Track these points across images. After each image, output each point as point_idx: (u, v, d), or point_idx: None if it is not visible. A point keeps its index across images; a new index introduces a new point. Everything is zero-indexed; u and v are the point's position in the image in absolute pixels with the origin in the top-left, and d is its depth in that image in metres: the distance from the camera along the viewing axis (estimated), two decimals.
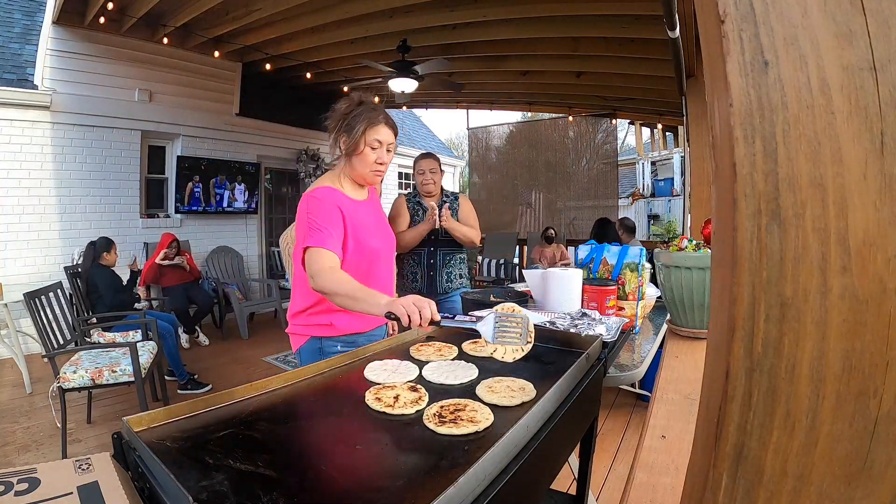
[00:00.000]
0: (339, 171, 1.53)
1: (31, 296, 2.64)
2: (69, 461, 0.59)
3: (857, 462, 0.36)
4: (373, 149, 1.45)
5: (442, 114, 25.32)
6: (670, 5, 2.19)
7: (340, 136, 1.46)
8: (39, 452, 2.57)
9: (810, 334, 0.36)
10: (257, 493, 0.54)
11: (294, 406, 0.82)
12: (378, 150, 1.46)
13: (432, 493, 0.49)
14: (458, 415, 0.75)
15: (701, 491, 0.42)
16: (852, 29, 0.33)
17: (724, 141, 0.37)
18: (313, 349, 1.49)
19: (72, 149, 4.72)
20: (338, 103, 1.49)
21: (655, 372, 1.35)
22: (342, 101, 1.49)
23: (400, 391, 0.84)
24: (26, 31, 4.82)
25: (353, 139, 1.44)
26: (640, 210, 12.18)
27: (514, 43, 4.77)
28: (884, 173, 0.33)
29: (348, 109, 1.46)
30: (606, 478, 2.33)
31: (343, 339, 1.48)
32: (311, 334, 1.49)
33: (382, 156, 1.47)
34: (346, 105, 1.47)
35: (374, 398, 0.82)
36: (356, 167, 1.48)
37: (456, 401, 0.80)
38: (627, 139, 12.11)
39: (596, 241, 1.87)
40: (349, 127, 1.44)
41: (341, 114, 1.46)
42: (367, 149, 1.45)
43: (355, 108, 1.46)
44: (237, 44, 5.20)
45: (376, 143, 1.45)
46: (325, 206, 1.40)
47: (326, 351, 1.47)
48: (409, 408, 0.78)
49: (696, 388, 1.13)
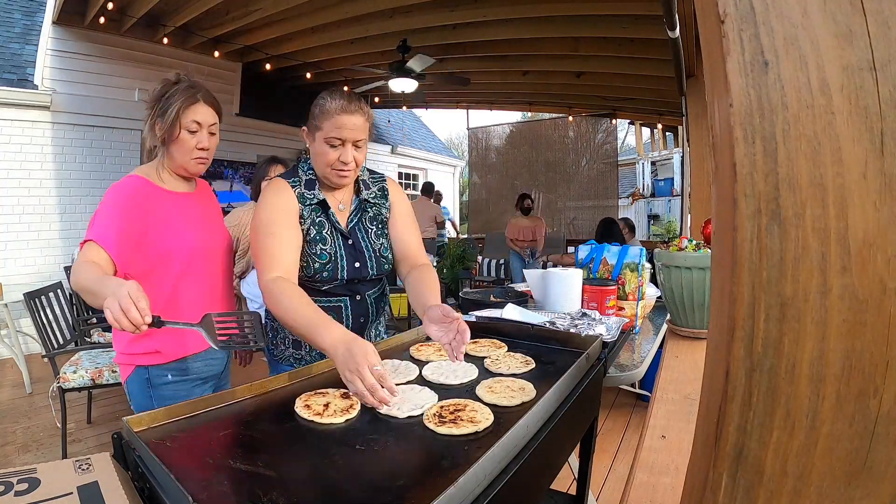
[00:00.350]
0: (157, 161, 1.32)
1: (31, 296, 2.64)
2: (69, 461, 0.59)
3: (857, 462, 0.36)
4: (191, 132, 1.25)
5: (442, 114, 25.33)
6: (670, 5, 2.19)
7: (156, 123, 1.25)
8: (39, 452, 2.57)
9: (810, 334, 0.36)
10: (257, 493, 0.54)
11: (294, 406, 0.82)
12: (198, 133, 1.26)
13: (432, 493, 0.49)
14: (458, 415, 0.75)
15: (701, 491, 0.42)
16: (852, 29, 0.33)
17: (724, 141, 0.37)
18: (141, 381, 1.26)
19: (72, 149, 4.72)
20: (154, 85, 1.28)
21: (655, 372, 1.35)
22: (158, 82, 1.28)
23: (331, 399, 0.81)
24: (26, 31, 4.82)
25: (166, 123, 1.23)
26: (640, 210, 12.17)
27: (514, 43, 4.77)
28: (884, 173, 0.33)
29: (164, 91, 1.25)
30: (606, 478, 2.33)
31: (172, 368, 1.28)
32: (136, 363, 1.27)
33: (203, 140, 1.27)
34: (161, 86, 1.26)
35: (303, 405, 0.78)
36: (175, 156, 1.28)
37: (456, 401, 0.80)
38: (627, 139, 12.10)
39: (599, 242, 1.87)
40: (163, 110, 1.24)
41: (156, 96, 1.26)
42: (184, 132, 1.25)
43: (171, 88, 1.26)
44: (237, 44, 5.20)
45: (194, 124, 1.25)
46: (121, 198, 1.22)
47: (156, 383, 1.26)
48: (337, 416, 0.76)
49: (696, 388, 1.13)
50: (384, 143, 9.06)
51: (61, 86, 4.59)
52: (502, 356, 1.08)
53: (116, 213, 1.19)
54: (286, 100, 6.68)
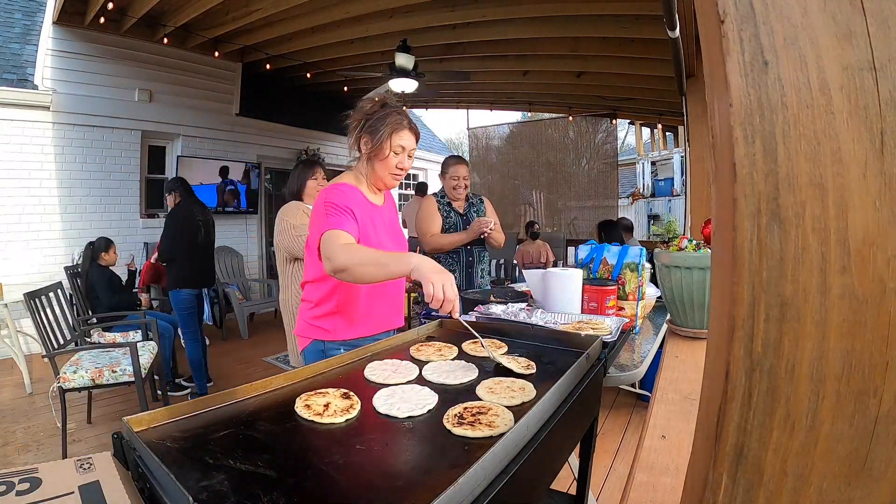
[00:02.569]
0: (356, 171, 1.50)
1: (32, 296, 2.64)
2: (70, 461, 0.59)
3: (857, 462, 0.36)
4: (395, 154, 1.43)
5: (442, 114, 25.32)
6: (670, 5, 2.19)
7: (363, 137, 1.43)
8: (40, 452, 2.57)
9: (810, 334, 0.36)
10: (257, 493, 0.54)
11: (294, 406, 0.82)
12: (400, 155, 1.44)
13: (432, 493, 0.49)
14: (478, 417, 0.74)
15: (701, 491, 0.42)
16: (852, 29, 0.33)
17: (724, 141, 0.37)
18: (316, 352, 1.46)
19: (72, 149, 4.72)
20: (360, 102, 1.47)
21: (655, 372, 1.35)
22: (364, 100, 1.46)
23: (331, 399, 0.81)
24: (26, 31, 4.82)
25: (377, 142, 1.41)
26: (640, 210, 12.17)
27: (514, 43, 4.78)
28: (884, 173, 0.33)
29: (371, 110, 1.43)
30: (606, 478, 2.33)
31: (347, 343, 1.46)
32: (315, 337, 1.47)
33: (404, 161, 1.46)
34: (369, 105, 1.44)
35: (303, 405, 0.79)
36: (377, 170, 1.46)
37: (481, 404, 0.80)
38: (627, 139, 12.11)
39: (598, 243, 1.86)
40: (373, 129, 1.41)
41: (364, 114, 1.43)
42: (391, 153, 1.42)
43: (379, 111, 1.43)
44: (237, 44, 5.20)
45: (400, 148, 1.43)
46: (346, 200, 1.38)
47: (329, 354, 1.42)
48: (338, 416, 0.76)
49: (696, 388, 1.13)
50: None
51: (61, 86, 4.59)
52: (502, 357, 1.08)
53: (346, 210, 1.35)
54: (286, 100, 6.68)
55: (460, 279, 2.62)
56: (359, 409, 0.79)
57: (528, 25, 4.33)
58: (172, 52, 5.16)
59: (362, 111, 1.44)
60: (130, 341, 2.90)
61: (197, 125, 5.68)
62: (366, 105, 1.44)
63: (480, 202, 2.78)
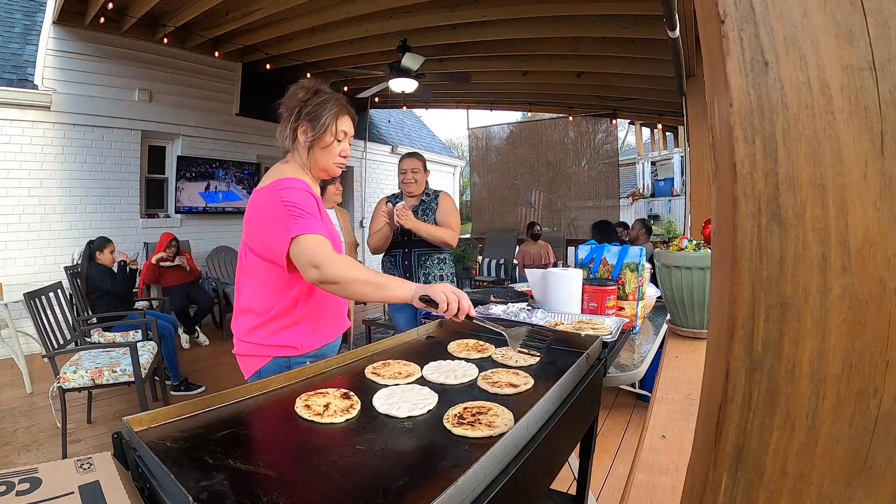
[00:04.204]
0: (296, 163, 1.40)
1: (31, 296, 2.64)
2: (70, 461, 0.59)
3: (857, 462, 0.36)
4: (339, 140, 1.37)
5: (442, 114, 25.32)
6: (670, 5, 2.19)
7: (301, 126, 1.34)
8: (40, 452, 2.57)
9: (810, 334, 0.36)
10: (257, 493, 0.54)
11: (294, 406, 0.82)
12: (343, 141, 1.38)
13: (432, 493, 0.49)
14: (478, 417, 0.74)
15: (701, 491, 0.42)
16: (852, 29, 0.33)
17: (724, 141, 0.37)
18: (278, 370, 1.24)
19: (72, 149, 4.72)
20: (291, 88, 1.37)
21: (655, 372, 1.35)
22: (296, 87, 1.36)
23: (331, 399, 0.81)
24: (26, 31, 4.82)
25: (319, 130, 1.33)
26: (640, 210, 12.17)
27: (514, 43, 4.78)
28: (884, 173, 0.33)
29: (306, 97, 1.34)
30: (606, 478, 2.33)
31: (311, 356, 1.32)
32: (275, 354, 1.30)
33: (346, 148, 1.40)
34: (302, 93, 1.35)
35: (303, 405, 0.78)
36: (319, 160, 1.37)
37: (481, 404, 0.80)
38: (627, 139, 12.10)
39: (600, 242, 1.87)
40: (313, 116, 1.33)
41: (299, 101, 1.34)
42: (335, 141, 1.36)
43: (313, 97, 1.34)
44: (237, 44, 5.20)
45: (342, 134, 1.37)
46: (309, 197, 1.28)
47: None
48: (338, 416, 0.75)
49: (696, 388, 1.13)
50: (384, 143, 9.06)
51: (61, 86, 4.59)
52: (508, 351, 1.09)
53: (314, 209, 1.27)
54: None
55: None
56: (358, 409, 0.79)
57: (528, 25, 4.33)
58: (172, 52, 5.16)
59: (296, 98, 1.35)
60: (130, 341, 2.90)
61: (197, 125, 5.67)
62: (298, 92, 1.35)
63: (435, 198, 2.55)
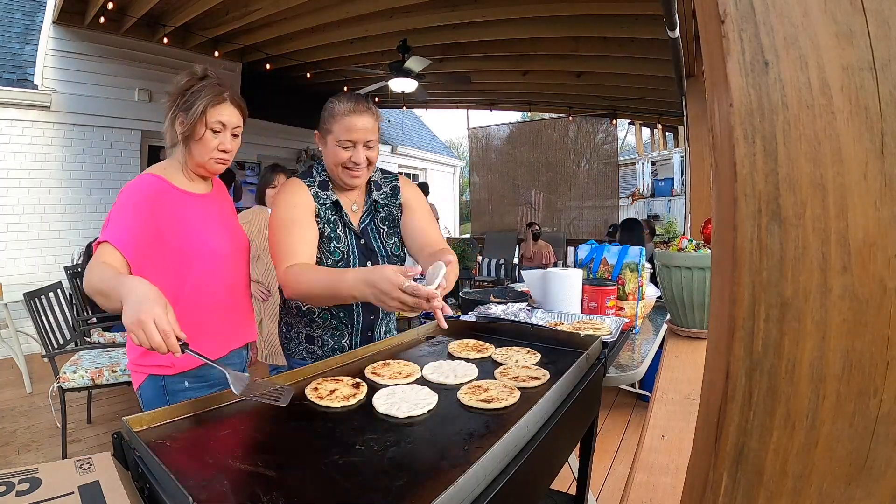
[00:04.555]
0: (172, 158, 1.28)
1: (31, 296, 2.64)
2: (70, 461, 0.59)
3: (857, 462, 0.36)
4: (214, 132, 1.22)
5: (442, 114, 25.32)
6: (670, 5, 2.19)
7: (178, 117, 1.21)
8: (39, 452, 2.57)
9: (810, 334, 0.36)
10: (257, 493, 0.54)
11: (294, 406, 0.82)
12: (221, 133, 1.23)
13: (432, 493, 0.49)
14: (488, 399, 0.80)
15: (701, 491, 0.42)
16: (852, 29, 0.33)
17: (724, 141, 0.37)
18: (156, 389, 1.21)
19: (72, 149, 4.72)
20: (177, 76, 1.24)
21: (655, 372, 1.35)
22: (182, 74, 1.24)
23: (340, 386, 0.85)
24: (26, 31, 4.82)
25: (190, 120, 1.19)
26: (640, 210, 12.17)
27: (514, 43, 4.78)
28: (884, 173, 0.33)
29: (188, 84, 1.21)
30: (606, 478, 2.33)
31: (189, 375, 1.22)
32: (150, 373, 1.21)
33: (226, 141, 1.24)
34: (185, 80, 1.22)
35: (311, 389, 0.84)
36: (194, 154, 1.23)
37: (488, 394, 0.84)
38: (627, 139, 12.10)
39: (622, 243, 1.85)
40: (188, 105, 1.20)
41: (180, 90, 1.21)
42: (208, 132, 1.21)
43: (196, 83, 1.21)
44: (237, 44, 5.21)
45: (219, 125, 1.22)
46: (135, 198, 1.16)
47: (172, 390, 1.21)
48: (338, 402, 0.80)
49: (696, 388, 1.13)
50: (384, 143, 9.07)
51: (61, 86, 4.59)
52: (508, 351, 1.09)
53: (130, 214, 1.14)
54: (286, 100, 6.68)
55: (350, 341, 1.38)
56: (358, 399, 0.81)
57: (528, 25, 4.33)
58: (172, 52, 5.16)
59: (179, 87, 1.22)
60: None
61: None
62: (182, 79, 1.22)
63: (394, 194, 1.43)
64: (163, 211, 1.18)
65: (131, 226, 1.13)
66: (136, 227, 1.13)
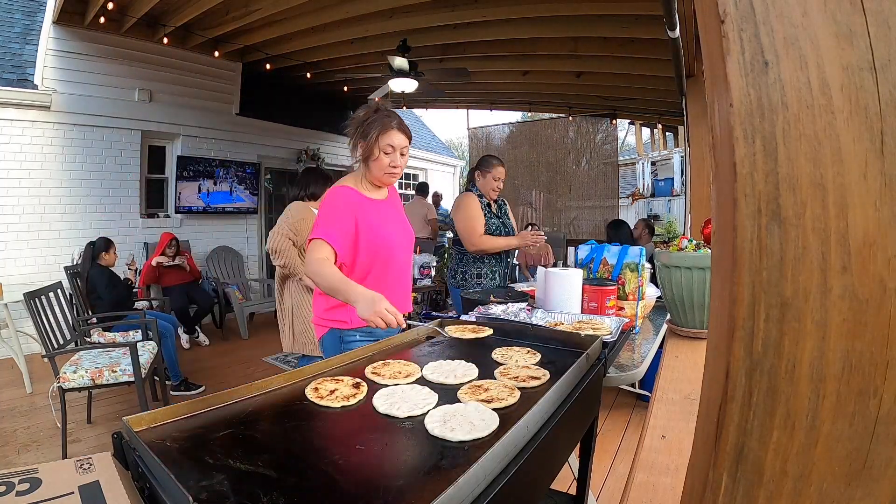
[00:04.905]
0: (357, 173, 1.64)
1: (31, 296, 2.64)
2: (70, 461, 0.59)
3: (857, 462, 0.36)
4: (386, 153, 1.54)
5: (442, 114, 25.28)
6: (670, 5, 2.19)
7: (359, 142, 1.56)
8: (39, 452, 2.57)
9: (810, 334, 0.36)
10: (257, 493, 0.54)
11: (294, 406, 0.82)
12: (391, 154, 1.55)
13: (432, 493, 0.49)
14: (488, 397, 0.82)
15: (701, 491, 0.42)
16: (852, 29, 0.33)
17: (724, 141, 0.37)
18: (333, 339, 1.61)
19: (72, 149, 4.72)
20: (357, 111, 1.59)
21: (655, 372, 1.35)
22: (361, 108, 1.59)
23: (340, 386, 0.86)
24: (26, 31, 4.81)
25: (367, 145, 1.54)
26: (640, 210, 12.16)
27: (514, 43, 4.77)
28: (884, 173, 0.33)
29: (366, 117, 1.55)
30: (606, 478, 2.33)
31: (361, 330, 1.57)
32: (331, 326, 1.60)
33: (396, 159, 1.57)
34: (363, 113, 1.57)
35: (311, 389, 0.85)
36: (372, 170, 1.58)
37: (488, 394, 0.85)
38: (627, 139, 12.10)
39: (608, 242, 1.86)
40: (364, 133, 1.54)
41: (359, 121, 1.56)
42: (381, 154, 1.54)
43: (372, 115, 1.55)
44: (237, 44, 5.20)
45: (389, 147, 1.54)
46: (339, 203, 1.53)
47: (346, 340, 1.59)
48: (338, 402, 0.80)
49: (696, 388, 1.13)
50: None
51: (61, 86, 4.58)
52: (508, 351, 1.09)
53: (336, 215, 1.51)
54: (286, 100, 6.67)
55: (500, 278, 2.73)
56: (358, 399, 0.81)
57: (528, 25, 4.33)
58: (172, 52, 5.15)
59: (357, 119, 1.57)
60: (130, 341, 2.90)
61: (197, 125, 5.67)
62: (360, 113, 1.58)
63: (505, 203, 2.87)
64: (357, 213, 1.54)
65: (338, 225, 1.50)
66: (341, 225, 1.50)
